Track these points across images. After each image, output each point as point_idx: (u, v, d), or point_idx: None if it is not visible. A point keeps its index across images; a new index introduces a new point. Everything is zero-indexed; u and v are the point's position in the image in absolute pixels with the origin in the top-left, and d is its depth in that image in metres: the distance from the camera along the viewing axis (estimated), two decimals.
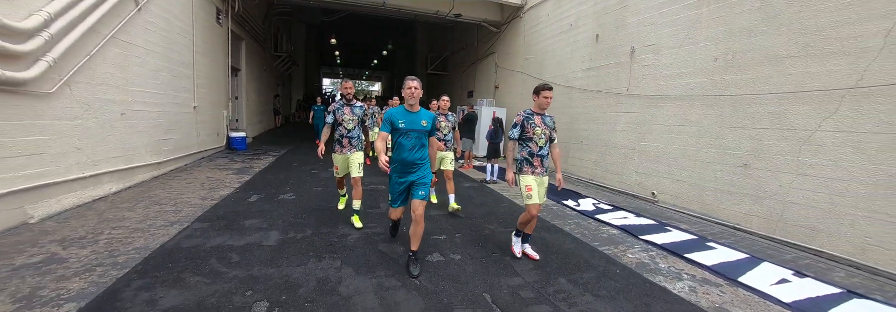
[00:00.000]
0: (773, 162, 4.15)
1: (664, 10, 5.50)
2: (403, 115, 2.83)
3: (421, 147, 2.88)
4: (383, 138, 2.84)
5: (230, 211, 4.08)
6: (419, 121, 2.85)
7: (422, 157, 2.88)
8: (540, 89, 3.09)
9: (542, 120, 3.12)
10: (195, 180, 5.57)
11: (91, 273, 2.56)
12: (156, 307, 2.16)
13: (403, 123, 2.81)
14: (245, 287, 2.45)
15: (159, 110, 5.82)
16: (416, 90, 2.80)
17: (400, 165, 2.85)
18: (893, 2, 3.29)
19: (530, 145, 3.10)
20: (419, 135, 2.85)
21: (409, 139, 2.83)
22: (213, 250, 3.02)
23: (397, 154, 2.87)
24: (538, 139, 3.07)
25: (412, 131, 2.82)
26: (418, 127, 2.84)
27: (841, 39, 3.63)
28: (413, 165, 2.85)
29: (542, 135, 3.08)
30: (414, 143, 2.84)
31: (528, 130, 3.07)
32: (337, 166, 3.95)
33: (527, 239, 3.28)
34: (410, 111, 2.85)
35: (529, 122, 3.09)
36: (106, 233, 3.28)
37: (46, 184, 3.69)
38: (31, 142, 3.54)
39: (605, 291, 2.68)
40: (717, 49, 4.75)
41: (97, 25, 4.24)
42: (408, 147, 2.83)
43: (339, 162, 3.92)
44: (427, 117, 2.90)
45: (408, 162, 2.83)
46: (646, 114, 5.79)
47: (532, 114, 3.13)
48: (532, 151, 3.09)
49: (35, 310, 2.09)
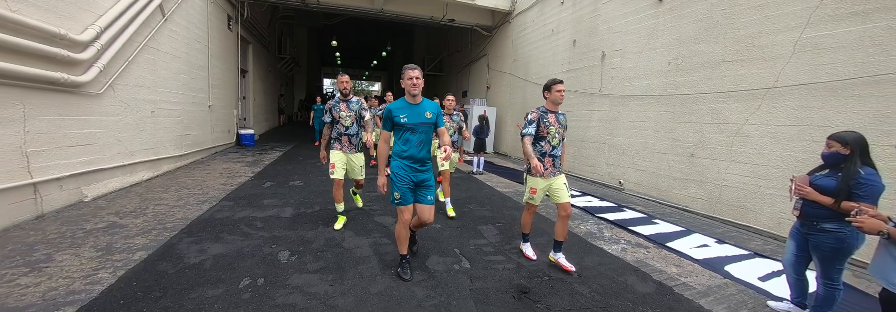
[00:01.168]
0: (713, 151, 4.85)
1: (628, 19, 6.21)
2: (404, 109, 2.52)
3: (427, 142, 2.58)
4: (386, 139, 2.58)
5: (249, 194, 4.79)
6: (423, 113, 2.54)
7: (428, 155, 2.62)
8: (551, 84, 2.91)
9: (556, 118, 2.93)
10: (213, 170, 6.28)
11: (148, 233, 3.27)
12: (206, 253, 2.88)
13: (405, 117, 2.49)
14: (270, 242, 3.16)
15: (181, 108, 6.53)
16: (418, 80, 2.49)
17: (409, 161, 2.55)
18: (800, 17, 3.99)
19: (543, 145, 2.91)
20: (426, 128, 2.55)
21: (416, 134, 2.53)
22: (240, 219, 3.74)
23: (405, 150, 2.55)
24: (552, 138, 2.89)
25: (418, 125, 2.52)
26: (423, 119, 2.53)
27: (762, 47, 4.33)
28: (424, 163, 2.58)
29: (556, 135, 2.89)
30: (422, 138, 2.55)
31: (543, 129, 2.87)
32: (333, 163, 3.55)
33: (559, 246, 2.99)
34: (412, 103, 2.55)
35: (544, 121, 2.88)
36: (151, 208, 3.99)
37: (96, 170, 4.40)
38: (85, 134, 4.25)
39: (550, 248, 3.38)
40: (670, 54, 5.45)
41: (134, 35, 4.95)
42: (415, 142, 2.53)
43: (338, 159, 3.57)
44: (431, 108, 2.59)
45: (418, 158, 2.55)
46: (614, 111, 6.50)
47: (546, 112, 2.92)
48: (544, 151, 2.91)
49: (115, 255, 2.80)
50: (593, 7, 7.06)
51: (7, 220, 3.29)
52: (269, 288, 2.41)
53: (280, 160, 7.74)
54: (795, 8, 4.02)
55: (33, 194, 3.57)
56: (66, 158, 3.96)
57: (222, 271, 2.62)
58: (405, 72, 2.52)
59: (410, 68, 2.52)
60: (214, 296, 2.27)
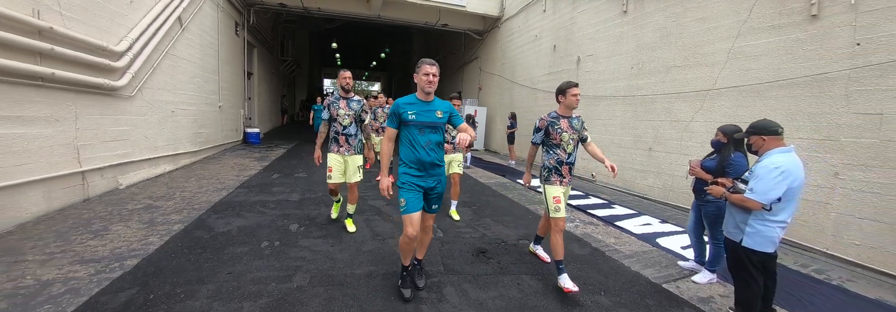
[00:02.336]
0: (667, 146, 5.52)
1: (599, 27, 6.88)
2: (414, 105, 2.30)
3: (437, 145, 2.35)
4: (390, 137, 2.35)
5: (260, 183, 5.47)
6: (433, 111, 2.31)
7: (440, 159, 2.38)
8: (566, 87, 2.75)
9: (569, 123, 2.76)
10: (226, 164, 6.97)
11: (180, 212, 3.95)
12: (231, 225, 3.57)
13: (414, 114, 2.27)
14: (282, 218, 3.85)
15: (195, 109, 7.22)
16: (435, 78, 2.26)
17: (416, 164, 2.32)
18: (732, 29, 4.66)
19: (558, 152, 2.75)
20: (435, 129, 2.33)
21: (423, 134, 2.30)
22: (255, 202, 4.42)
23: (410, 153, 2.32)
24: (566, 145, 2.73)
25: (426, 125, 2.29)
26: (433, 119, 2.31)
27: (704, 54, 5.00)
28: (433, 167, 2.35)
29: (570, 141, 2.74)
30: (429, 139, 2.31)
31: (554, 136, 2.73)
32: (331, 167, 3.43)
33: (562, 268, 2.66)
34: (423, 100, 2.33)
35: (555, 128, 2.73)
36: (178, 194, 4.67)
37: (128, 162, 5.09)
38: (120, 131, 4.93)
39: (512, 224, 4.06)
40: (633, 59, 6.13)
41: (158, 44, 5.64)
42: (422, 143, 2.29)
43: (334, 162, 3.43)
44: (443, 107, 2.37)
45: (425, 162, 2.31)
46: (588, 110, 7.17)
47: (558, 118, 2.76)
48: (560, 159, 2.75)
49: (158, 227, 3.48)
50: (570, 15, 7.73)
51: (63, 201, 3.97)
52: (283, 247, 3.09)
53: (285, 156, 8.42)
54: (729, 21, 4.69)
55: (82, 181, 4.26)
56: (105, 151, 4.65)
57: (246, 237, 3.30)
58: (422, 66, 2.27)
59: (428, 63, 2.27)
60: (242, 252, 2.96)
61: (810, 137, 3.89)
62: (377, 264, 2.89)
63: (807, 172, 3.87)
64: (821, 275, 3.26)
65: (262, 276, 2.59)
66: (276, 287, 2.44)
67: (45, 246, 2.96)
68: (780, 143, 2.15)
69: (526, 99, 9.10)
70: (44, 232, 3.26)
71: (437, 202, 2.46)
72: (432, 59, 2.31)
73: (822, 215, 3.77)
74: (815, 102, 3.86)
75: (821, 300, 2.80)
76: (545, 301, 2.49)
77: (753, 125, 2.24)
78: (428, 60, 2.30)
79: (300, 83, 23.55)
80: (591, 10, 7.14)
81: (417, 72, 2.32)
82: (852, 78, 3.58)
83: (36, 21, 3.52)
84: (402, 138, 2.38)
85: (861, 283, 3.15)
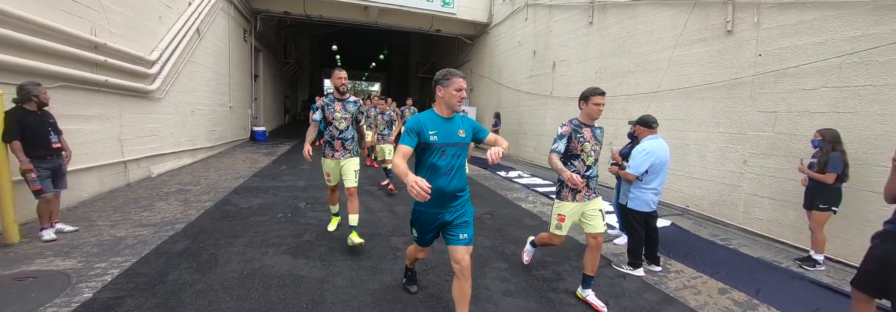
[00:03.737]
0: (623, 141, 6.33)
1: (570, 36, 7.71)
2: (436, 124, 1.96)
3: (460, 169, 2.01)
4: (404, 155, 1.90)
5: (271, 173, 6.32)
6: (456, 131, 2.00)
7: (462, 187, 2.02)
8: (589, 94, 2.48)
9: (592, 133, 2.50)
10: (238, 158, 7.82)
11: (208, 193, 4.79)
12: (251, 202, 4.41)
13: (436, 136, 1.94)
14: (292, 198, 4.69)
15: (209, 109, 8.06)
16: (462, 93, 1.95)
17: (435, 196, 1.88)
18: (672, 40, 5.48)
19: (575, 164, 2.47)
20: (458, 151, 2.00)
21: (444, 158, 1.95)
22: (268, 187, 5.27)
23: (429, 181, 1.81)
24: (586, 157, 2.47)
25: (448, 146, 1.97)
26: (456, 139, 1.99)
27: (651, 62, 5.83)
28: (453, 198, 1.99)
29: (591, 153, 2.48)
30: (450, 164, 1.97)
31: (575, 146, 2.44)
32: (328, 173, 3.34)
33: (588, 282, 2.53)
34: (445, 117, 2.00)
35: (577, 136, 2.45)
36: (202, 181, 5.52)
37: (158, 155, 5.93)
38: (151, 128, 5.77)
39: (482, 204, 4.89)
40: (597, 65, 6.95)
41: (181, 53, 6.48)
42: (443, 170, 1.95)
43: (331, 168, 3.30)
44: (466, 125, 2.07)
45: (446, 193, 1.95)
46: (562, 110, 8.00)
47: (581, 126, 2.50)
48: (578, 171, 2.46)
49: (193, 203, 4.32)
50: (547, 24, 8.56)
51: (111, 185, 4.82)
52: (294, 217, 3.94)
53: (289, 152, 9.27)
54: (669, 34, 5.51)
55: (124, 169, 5.10)
56: (141, 145, 5.49)
57: (264, 210, 4.15)
58: (452, 79, 1.93)
59: (459, 75, 1.94)
60: (263, 220, 3.80)
61: (727, 131, 4.71)
62: (369, 227, 3.73)
63: (723, 161, 4.74)
64: (724, 242, 4.08)
65: (280, 234, 3.43)
66: (291, 240, 3.29)
67: (108, 216, 3.81)
68: (651, 133, 2.97)
69: (510, 99, 9.95)
70: (102, 207, 4.11)
71: (466, 230, 1.98)
72: (460, 71, 1.97)
73: (735, 195, 4.60)
74: (729, 103, 4.68)
75: (710, 256, 3.63)
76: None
77: (638, 119, 3.07)
78: (458, 72, 1.95)
79: (302, 84, 24.42)
80: (563, 20, 7.97)
81: (444, 86, 1.94)
82: (755, 83, 4.41)
83: (93, 38, 4.36)
84: (418, 161, 2.00)
85: (754, 247, 3.98)
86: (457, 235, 1.97)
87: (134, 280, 2.50)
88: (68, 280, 2.48)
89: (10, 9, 3.24)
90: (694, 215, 5.05)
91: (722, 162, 4.74)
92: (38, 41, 3.54)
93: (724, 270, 3.27)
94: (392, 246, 3.35)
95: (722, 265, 3.40)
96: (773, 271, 3.33)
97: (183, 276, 2.57)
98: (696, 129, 5.08)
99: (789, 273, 3.24)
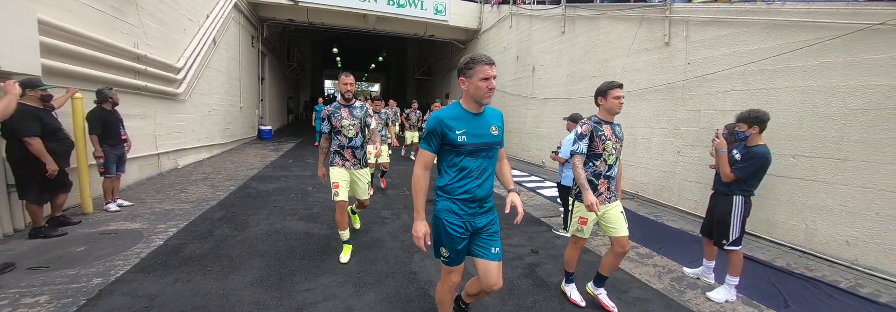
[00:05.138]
0: None
1: (547, 43, 8.62)
2: (461, 121, 1.68)
3: (491, 174, 1.78)
4: (425, 164, 1.72)
5: (280, 165, 7.22)
6: (487, 127, 1.73)
7: (492, 191, 1.79)
8: (606, 88, 2.41)
9: (612, 130, 2.43)
10: (249, 154, 8.73)
11: (230, 180, 5.69)
12: (267, 186, 5.32)
13: (464, 136, 1.65)
14: (300, 183, 5.60)
15: (223, 109, 8.97)
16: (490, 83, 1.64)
17: (463, 203, 1.72)
18: (625, 49, 6.37)
19: (597, 164, 2.39)
20: (492, 150, 1.75)
21: (476, 159, 1.70)
22: (280, 176, 6.18)
23: (459, 185, 1.71)
24: (608, 156, 2.38)
25: (480, 147, 1.70)
26: (489, 138, 1.72)
27: (610, 68, 6.73)
28: (485, 201, 1.76)
29: (612, 151, 2.39)
30: (483, 166, 1.72)
31: (596, 145, 2.37)
32: (336, 183, 3.01)
33: (602, 281, 2.54)
34: (474, 113, 1.72)
35: (598, 134, 2.38)
36: (223, 171, 6.42)
37: (183, 149, 6.83)
38: (177, 126, 6.68)
39: None
40: (569, 70, 7.86)
41: (201, 60, 7.38)
42: (476, 172, 1.70)
43: (340, 177, 3.02)
44: (496, 119, 1.81)
45: (478, 198, 1.72)
46: (540, 110, 8.90)
47: (600, 123, 2.44)
48: (599, 171, 2.39)
49: (219, 187, 5.22)
50: (528, 32, 9.47)
51: (147, 174, 5.72)
52: (304, 197, 4.84)
53: (294, 148, 10.18)
54: (623, 44, 6.41)
55: (157, 160, 6.00)
56: (169, 140, 6.39)
57: (279, 192, 5.05)
58: (477, 66, 1.63)
59: (486, 62, 1.63)
60: (279, 198, 4.71)
61: (665, 127, 5.61)
62: None
63: (663, 152, 5.64)
64: (656, 218, 4.97)
65: (293, 207, 4.34)
66: (303, 212, 4.19)
67: (153, 196, 4.71)
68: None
69: (497, 100, 10.84)
70: (145, 190, 5.01)
71: (496, 242, 1.80)
72: (489, 57, 1.64)
73: (671, 181, 5.49)
74: (666, 103, 5.58)
75: (639, 228, 4.52)
76: None
77: (570, 115, 3.97)
78: (483, 58, 1.63)
79: (304, 85, 25.34)
80: (541, 29, 8.88)
81: (467, 76, 1.66)
82: (685, 86, 5.30)
83: (136, 50, 5.26)
84: (443, 165, 1.76)
85: (680, 222, 4.86)
86: (488, 248, 1.73)
87: (189, 234, 3.41)
88: (141, 234, 3.39)
89: (86, 32, 4.15)
90: (643, 199, 5.95)
91: (662, 154, 5.64)
92: (102, 55, 4.45)
93: (642, 236, 4.17)
94: (380, 216, 4.25)
95: (644, 233, 4.30)
96: (681, 236, 4.23)
97: (225, 232, 3.48)
98: (643, 126, 5.98)
99: (692, 237, 4.14)
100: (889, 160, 3.32)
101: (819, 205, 3.76)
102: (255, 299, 2.36)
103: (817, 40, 3.81)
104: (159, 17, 5.93)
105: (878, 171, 3.37)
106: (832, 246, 3.66)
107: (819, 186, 3.77)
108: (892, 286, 3.08)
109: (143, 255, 2.94)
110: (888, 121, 3.34)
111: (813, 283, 3.15)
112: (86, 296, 2.31)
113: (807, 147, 3.88)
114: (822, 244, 3.72)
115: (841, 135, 3.64)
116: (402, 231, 3.73)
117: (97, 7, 4.49)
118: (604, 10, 6.86)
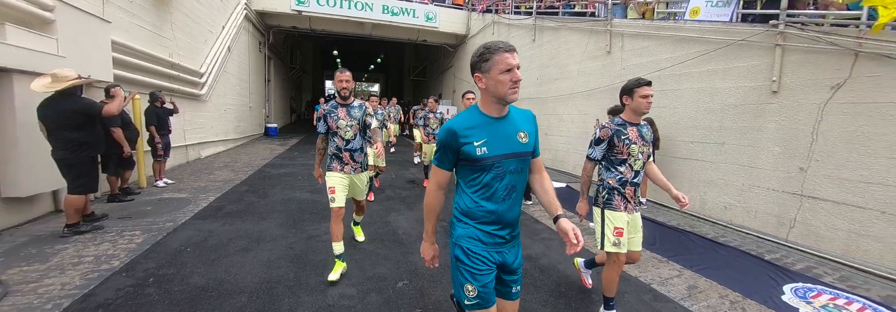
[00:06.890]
0: (556, 131, 8.38)
1: (522, 49, 9.75)
2: (481, 129, 1.33)
3: (521, 192, 1.41)
4: (440, 184, 1.45)
5: (288, 156, 8.38)
6: (514, 134, 1.36)
7: (519, 212, 1.41)
8: (633, 86, 2.16)
9: (638, 132, 2.19)
10: (259, 147, 9.89)
11: (246, 167, 6.85)
12: (279, 171, 6.48)
13: (485, 147, 1.30)
14: (306, 170, 6.75)
15: (235, 108, 10.13)
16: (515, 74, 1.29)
17: (492, 226, 1.37)
18: (580, 55, 7.50)
19: (622, 170, 2.17)
20: (520, 165, 1.36)
21: (502, 176, 1.33)
22: (288, 164, 7.33)
23: (482, 207, 1.36)
24: (634, 161, 2.16)
25: (506, 159, 1.33)
26: (516, 148, 1.35)
27: (568, 72, 7.86)
28: (514, 228, 1.41)
29: (639, 156, 2.16)
30: (511, 183, 1.35)
31: (620, 149, 2.15)
32: (333, 188, 2.74)
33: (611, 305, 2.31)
34: (495, 117, 1.37)
35: (621, 138, 2.15)
36: (239, 160, 7.58)
37: (204, 142, 7.99)
38: (200, 122, 7.83)
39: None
40: (538, 73, 9.00)
41: (219, 65, 8.54)
42: (501, 192, 1.35)
43: (336, 182, 2.76)
44: (526, 121, 1.45)
45: (506, 220, 1.38)
46: None
47: (624, 126, 2.20)
48: (625, 178, 2.17)
49: (239, 171, 6.38)
50: (507, 39, 10.61)
51: (178, 161, 6.87)
52: (310, 179, 5.99)
53: (299, 143, 11.34)
54: (578, 51, 7.55)
55: (185, 151, 7.16)
56: (194, 134, 7.55)
57: (289, 175, 6.21)
58: (494, 58, 1.27)
59: (502, 50, 1.28)
60: (290, 180, 5.87)
61: None
62: None
63: None
64: None
65: (302, 185, 5.50)
66: (309, 187, 5.35)
67: (188, 177, 5.87)
68: None
69: None
70: (180, 173, 6.17)
71: (518, 281, 1.49)
72: (508, 43, 1.31)
73: None
74: (610, 102, 6.70)
75: None
76: None
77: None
78: (499, 45, 1.28)
79: (306, 86, 26.53)
80: (517, 36, 10.02)
81: (483, 71, 1.31)
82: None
83: (170, 59, 6.42)
84: (462, 183, 1.42)
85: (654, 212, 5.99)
86: (511, 287, 1.47)
87: (225, 200, 4.56)
88: (189, 200, 4.54)
89: (139, 47, 5.32)
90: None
91: None
92: (149, 65, 5.61)
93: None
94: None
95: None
96: None
97: (251, 199, 4.64)
98: (592, 121, 7.12)
99: None
100: (748, 143, 4.46)
101: (708, 179, 4.90)
102: (280, 233, 3.52)
103: (706, 51, 4.95)
104: (187, 30, 7.09)
105: (743, 152, 4.51)
106: (716, 211, 4.80)
107: (707, 165, 4.91)
108: (749, 238, 4.19)
109: (196, 211, 4.09)
110: (747, 113, 4.48)
111: (691, 236, 4.28)
112: (166, 232, 3.46)
113: (700, 134, 5.02)
114: (711, 210, 4.86)
115: (721, 125, 4.78)
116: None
117: (144, 26, 5.65)
118: (564, 22, 8.01)
